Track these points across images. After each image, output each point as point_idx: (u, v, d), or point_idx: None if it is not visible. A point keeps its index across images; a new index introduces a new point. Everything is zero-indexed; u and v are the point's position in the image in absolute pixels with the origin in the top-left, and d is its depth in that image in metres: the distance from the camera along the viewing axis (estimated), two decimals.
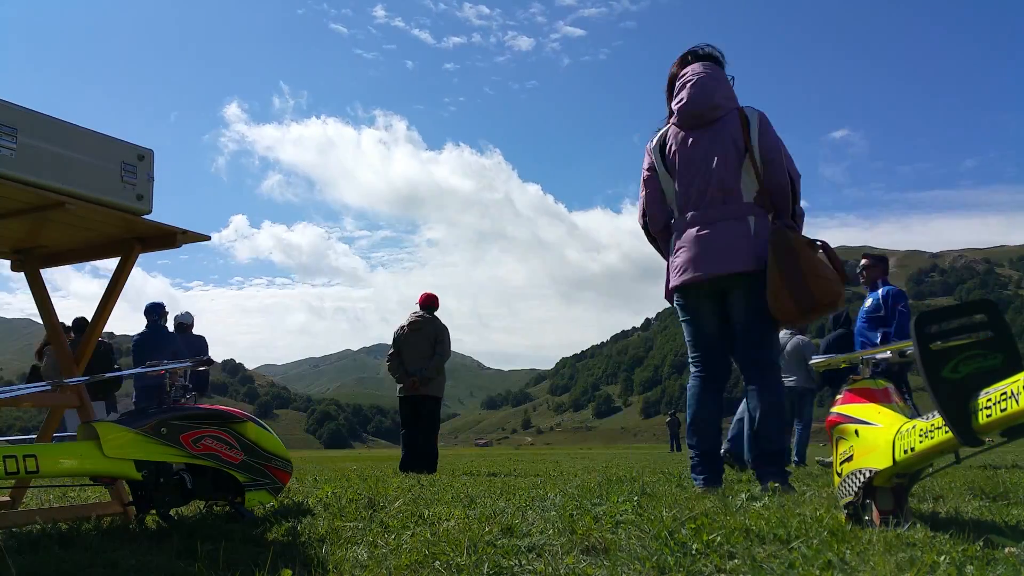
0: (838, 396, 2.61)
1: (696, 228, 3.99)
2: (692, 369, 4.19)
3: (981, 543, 1.94)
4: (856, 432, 2.40)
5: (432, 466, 7.81)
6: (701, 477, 4.04)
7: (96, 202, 2.74)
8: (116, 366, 10.34)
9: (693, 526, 2.32)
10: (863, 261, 7.91)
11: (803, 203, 4.13)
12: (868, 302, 7.74)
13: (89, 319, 3.36)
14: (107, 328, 3.46)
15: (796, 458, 8.89)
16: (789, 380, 9.04)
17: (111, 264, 3.25)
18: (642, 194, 4.34)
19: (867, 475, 2.29)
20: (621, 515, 2.73)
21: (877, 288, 7.72)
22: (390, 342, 8.37)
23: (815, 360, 2.85)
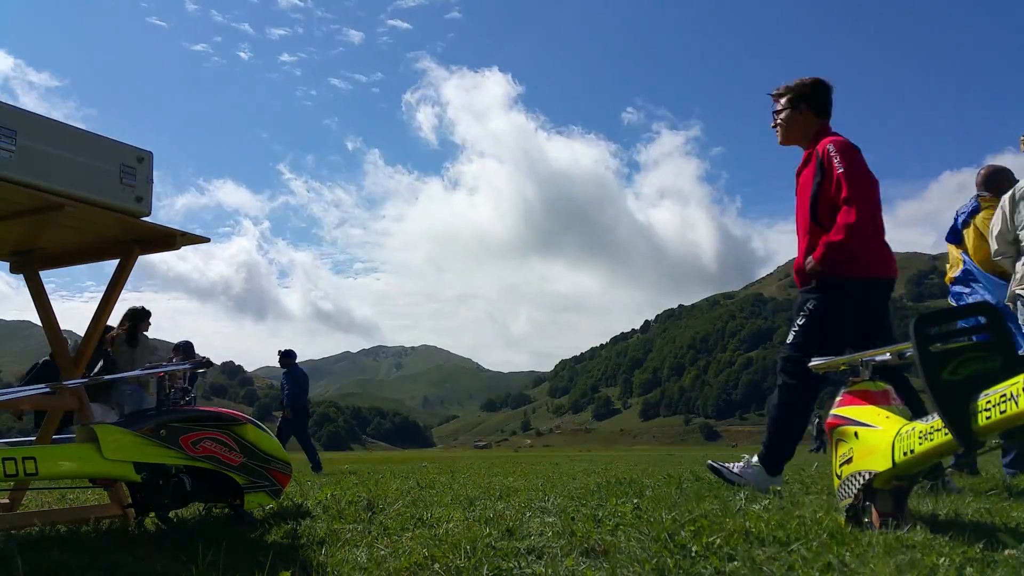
0: (837, 398, 2.61)
1: None
2: None
3: (981, 545, 1.94)
4: (855, 434, 2.40)
5: None
6: None
7: (95, 204, 2.74)
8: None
9: (693, 528, 2.32)
10: None
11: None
12: None
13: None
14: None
15: None
16: None
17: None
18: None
19: (866, 477, 2.29)
20: (621, 517, 2.73)
21: None
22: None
23: (814, 363, 2.84)
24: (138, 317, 8.20)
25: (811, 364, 2.83)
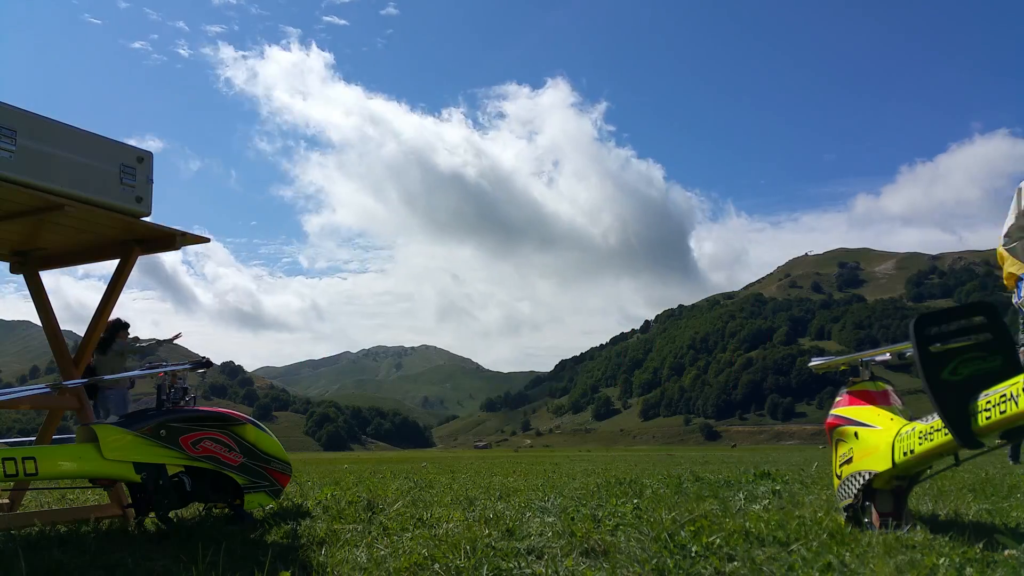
0: (838, 398, 2.61)
1: None
2: None
3: (981, 545, 1.94)
4: (856, 434, 2.40)
5: None
6: None
7: (95, 204, 2.74)
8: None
9: (693, 528, 2.32)
10: None
11: None
12: None
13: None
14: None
15: None
16: None
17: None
18: None
19: (866, 477, 2.29)
20: (621, 517, 2.73)
21: None
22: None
23: (814, 363, 2.84)
24: (112, 329, 8.25)
25: (811, 364, 2.83)
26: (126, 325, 8.50)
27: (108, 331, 8.34)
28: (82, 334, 3.26)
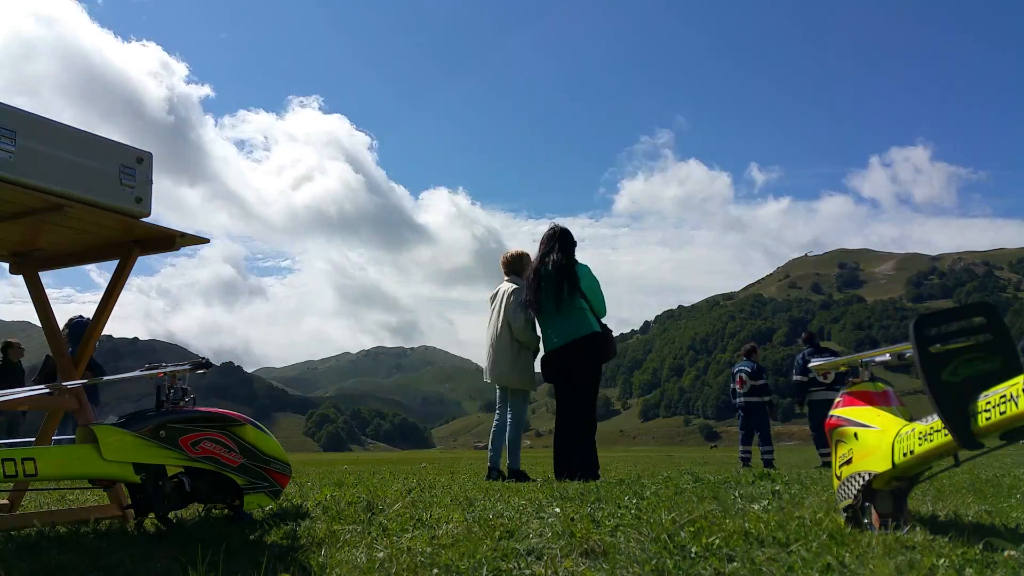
0: (838, 399, 2.61)
1: None
2: None
3: (981, 546, 1.94)
4: (855, 435, 2.40)
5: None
6: None
7: (95, 205, 2.74)
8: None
9: (692, 529, 2.32)
10: None
11: None
12: None
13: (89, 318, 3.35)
14: (105, 331, 3.47)
15: None
16: None
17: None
18: None
19: (866, 478, 2.29)
20: (620, 518, 2.72)
21: None
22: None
23: (815, 363, 2.85)
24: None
25: (812, 364, 2.83)
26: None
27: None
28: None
